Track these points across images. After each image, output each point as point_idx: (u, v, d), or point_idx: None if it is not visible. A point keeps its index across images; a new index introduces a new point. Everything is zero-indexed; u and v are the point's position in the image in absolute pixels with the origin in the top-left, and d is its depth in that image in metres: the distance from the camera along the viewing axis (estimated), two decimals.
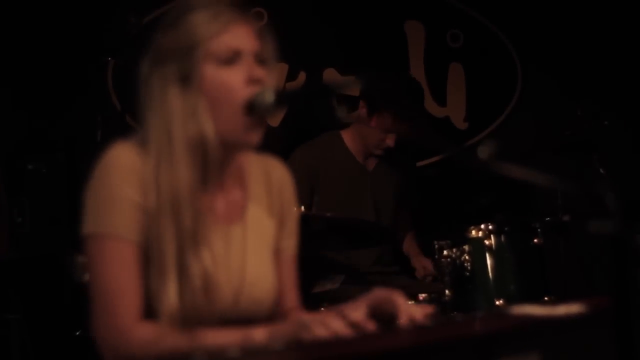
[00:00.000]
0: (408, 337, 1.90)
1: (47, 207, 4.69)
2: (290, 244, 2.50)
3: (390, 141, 4.73)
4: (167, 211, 2.15)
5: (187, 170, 2.18)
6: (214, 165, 2.24)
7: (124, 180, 2.16)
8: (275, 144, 2.35)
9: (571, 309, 2.05)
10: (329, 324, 1.99)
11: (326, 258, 4.71)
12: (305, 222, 4.08)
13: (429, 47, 6.20)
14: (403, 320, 2.17)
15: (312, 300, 4.25)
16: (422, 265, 4.99)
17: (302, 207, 4.06)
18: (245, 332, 2.11)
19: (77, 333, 4.00)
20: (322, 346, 1.85)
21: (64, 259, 3.51)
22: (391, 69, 5.93)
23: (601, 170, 4.69)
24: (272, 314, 2.36)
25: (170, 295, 2.11)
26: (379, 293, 2.23)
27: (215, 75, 2.20)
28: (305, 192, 4.75)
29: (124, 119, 4.72)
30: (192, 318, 2.13)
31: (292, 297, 2.51)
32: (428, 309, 2.23)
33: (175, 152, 2.18)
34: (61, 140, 5.14)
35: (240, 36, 2.23)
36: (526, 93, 6.27)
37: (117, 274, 2.14)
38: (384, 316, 2.19)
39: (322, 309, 4.11)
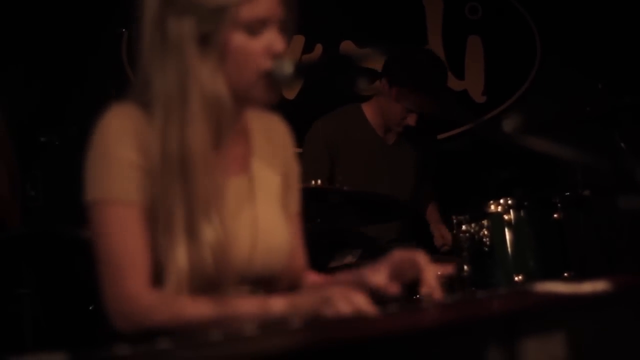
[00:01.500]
0: (429, 316, 1.85)
1: (60, 180, 4.65)
2: (294, 200, 2.45)
3: (411, 120, 4.69)
4: (176, 171, 2.10)
5: (202, 129, 2.13)
6: (226, 126, 2.19)
7: (121, 143, 2.10)
8: (292, 116, 2.31)
9: (597, 286, 2.00)
10: (352, 300, 1.94)
11: (344, 232, 4.68)
12: (323, 195, 4.07)
13: (447, 19, 6.15)
14: (426, 280, 2.15)
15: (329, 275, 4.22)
16: (441, 234, 4.95)
17: (321, 180, 4.03)
18: (264, 301, 2.07)
19: (90, 307, 3.98)
20: (341, 326, 1.80)
21: (77, 232, 3.47)
22: (409, 42, 5.88)
23: (622, 145, 4.63)
24: (286, 273, 2.33)
25: (179, 257, 2.07)
26: (400, 254, 2.21)
27: (239, 43, 2.15)
28: (325, 164, 4.71)
29: None
30: (202, 280, 2.09)
31: (299, 256, 2.46)
32: (448, 269, 2.22)
33: (190, 110, 2.12)
34: (74, 112, 5.12)
35: (268, 4, 2.17)
36: (545, 66, 6.20)
37: (121, 239, 2.09)
38: (406, 277, 2.17)
39: None
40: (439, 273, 2.17)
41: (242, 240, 2.19)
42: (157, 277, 2.11)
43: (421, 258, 2.19)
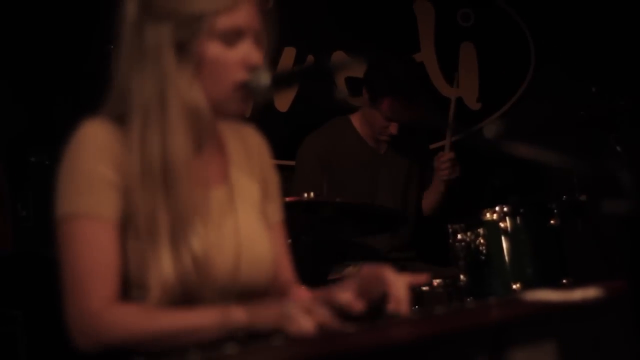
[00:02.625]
0: (416, 328, 1.81)
1: (51, 201, 4.62)
2: (275, 208, 2.43)
3: (393, 129, 4.67)
4: (158, 181, 2.07)
5: (183, 138, 2.11)
6: (206, 136, 2.19)
7: (93, 158, 2.08)
8: (284, 130, 2.29)
9: (588, 293, 1.97)
10: (314, 314, 1.91)
11: (340, 245, 4.66)
12: (318, 208, 4.04)
13: (439, 27, 6.12)
14: (393, 295, 2.10)
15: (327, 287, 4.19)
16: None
17: (314, 194, 4.00)
18: (225, 311, 2.02)
19: None
20: (325, 341, 1.76)
21: None
22: (401, 51, 5.85)
23: (618, 149, 4.60)
24: (271, 285, 2.29)
25: (164, 268, 2.04)
26: (367, 270, 2.16)
27: (215, 52, 2.14)
28: (318, 178, 4.69)
29: None
30: (186, 291, 2.06)
31: (285, 269, 2.44)
32: (421, 278, 2.17)
33: (170, 118, 2.10)
34: (64, 131, 5.08)
35: (245, 16, 2.16)
36: (540, 72, 6.18)
37: (86, 254, 2.05)
38: (374, 293, 2.12)
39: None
40: (410, 285, 2.13)
41: (225, 250, 2.17)
42: (139, 290, 2.08)
43: (388, 273, 2.14)
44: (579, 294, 1.96)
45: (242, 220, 2.24)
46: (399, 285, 2.12)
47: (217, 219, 2.19)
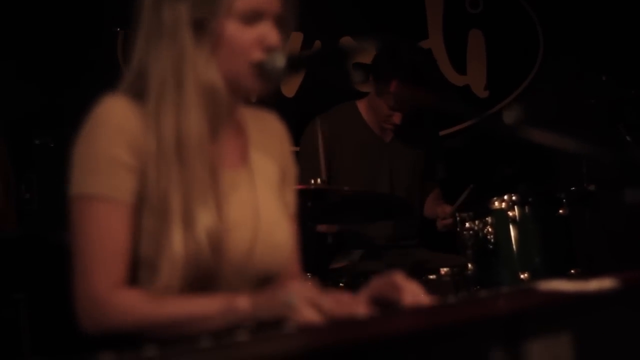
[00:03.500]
0: (429, 317, 1.78)
1: (55, 183, 4.60)
2: (291, 200, 2.40)
3: (396, 118, 4.63)
4: (172, 157, 2.05)
5: (198, 116, 2.09)
6: (222, 116, 2.17)
7: (112, 139, 2.05)
8: (291, 114, 2.27)
9: (603, 284, 1.94)
10: (318, 305, 1.88)
11: (343, 232, 4.64)
12: (321, 195, 4.01)
13: (447, 13, 6.09)
14: (408, 300, 2.07)
15: (330, 276, 4.18)
16: (443, 209, 4.80)
17: (319, 180, 3.97)
18: (230, 299, 2.00)
19: None
20: (336, 329, 1.73)
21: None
22: (409, 37, 5.82)
23: (628, 139, 4.57)
24: (283, 275, 2.26)
25: (175, 245, 2.01)
26: (378, 282, 2.13)
27: (233, 32, 2.12)
28: (322, 163, 4.66)
29: None
30: (198, 270, 2.04)
31: (294, 259, 2.40)
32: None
33: (186, 95, 2.09)
34: (69, 114, 5.06)
35: None
36: (549, 60, 6.14)
37: (96, 237, 2.03)
38: (388, 302, 2.09)
39: (341, 284, 4.03)
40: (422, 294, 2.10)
41: (242, 231, 2.14)
42: (148, 270, 2.06)
43: (401, 280, 2.11)
44: (594, 285, 1.93)
45: (262, 202, 2.22)
46: (414, 291, 2.09)
47: (236, 199, 2.17)
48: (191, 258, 2.03)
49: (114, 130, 2.06)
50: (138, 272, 2.08)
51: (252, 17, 2.12)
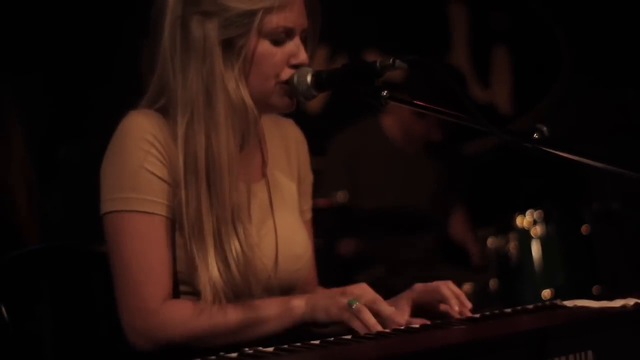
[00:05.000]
0: (457, 334, 1.80)
1: (79, 195, 4.62)
2: (308, 208, 2.41)
3: (436, 136, 4.63)
4: (203, 179, 2.04)
5: (228, 137, 2.07)
6: (250, 132, 2.14)
7: (144, 153, 2.04)
8: (315, 128, 2.28)
9: (628, 303, 1.94)
10: (379, 311, 1.92)
11: (366, 247, 4.64)
12: (345, 210, 4.02)
13: (472, 30, 6.10)
14: (453, 308, 2.08)
15: None
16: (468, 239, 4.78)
17: (345, 194, 3.98)
18: (286, 302, 2.02)
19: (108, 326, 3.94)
20: (367, 345, 1.74)
21: (96, 247, 3.43)
22: (433, 52, 5.83)
23: None
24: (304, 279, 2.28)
25: (213, 271, 2.01)
26: (421, 288, 2.14)
27: (262, 50, 2.09)
28: (347, 177, 4.67)
29: None
30: (233, 289, 2.03)
31: (311, 265, 2.38)
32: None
33: (217, 116, 2.06)
34: (93, 125, 5.09)
35: (296, 15, 2.12)
36: (572, 77, 6.13)
37: (139, 253, 2.03)
38: (432, 312, 2.11)
39: None
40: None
41: (265, 249, 2.15)
42: (187, 286, 2.07)
43: (443, 286, 2.12)
44: (619, 304, 1.94)
45: (279, 219, 2.22)
46: (456, 292, 2.11)
47: (257, 218, 2.17)
48: (227, 280, 2.03)
49: (146, 144, 2.05)
50: (177, 287, 2.09)
51: (281, 35, 2.11)
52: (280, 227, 2.20)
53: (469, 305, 2.10)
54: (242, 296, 2.06)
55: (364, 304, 1.92)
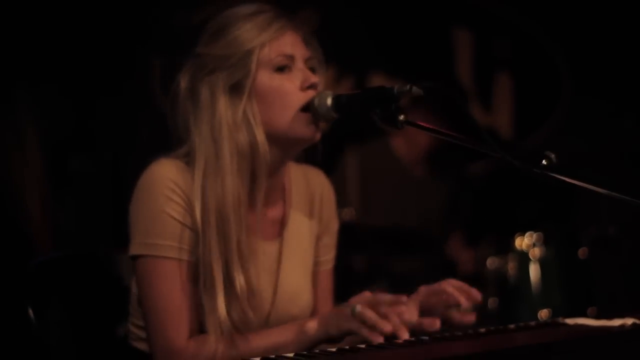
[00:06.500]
0: (464, 347, 1.88)
1: (91, 205, 4.68)
2: (329, 258, 2.48)
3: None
4: (214, 226, 2.13)
5: (234, 182, 2.15)
6: (261, 176, 2.20)
7: (169, 200, 2.14)
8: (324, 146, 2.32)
9: (626, 322, 2.02)
10: (379, 309, 2.00)
11: (370, 266, 4.69)
12: (350, 228, 4.07)
13: (475, 55, 6.16)
14: (460, 301, 2.19)
15: None
16: (465, 258, 4.86)
17: (350, 212, 4.04)
18: (300, 326, 2.11)
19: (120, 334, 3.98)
20: (382, 354, 1.83)
21: (108, 258, 3.50)
22: (437, 76, 5.89)
23: None
24: None
25: (221, 316, 2.11)
26: (427, 290, 2.26)
27: (270, 81, 2.17)
28: (354, 197, 4.72)
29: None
30: (240, 330, 2.14)
31: (327, 310, 2.45)
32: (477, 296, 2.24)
33: (222, 163, 2.15)
34: (107, 137, 5.14)
35: (291, 42, 2.20)
36: (574, 103, 6.19)
37: (166, 295, 2.14)
38: (440, 309, 2.23)
39: None
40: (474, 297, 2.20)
41: (259, 308, 2.23)
42: (199, 327, 2.17)
43: (446, 285, 2.23)
44: (617, 323, 2.01)
45: (283, 279, 2.31)
46: (459, 285, 2.22)
47: (262, 271, 2.25)
48: (234, 321, 2.13)
49: (170, 191, 2.15)
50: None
51: (284, 65, 2.18)
52: (282, 290, 2.30)
53: (477, 293, 2.22)
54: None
55: (364, 305, 2.01)
